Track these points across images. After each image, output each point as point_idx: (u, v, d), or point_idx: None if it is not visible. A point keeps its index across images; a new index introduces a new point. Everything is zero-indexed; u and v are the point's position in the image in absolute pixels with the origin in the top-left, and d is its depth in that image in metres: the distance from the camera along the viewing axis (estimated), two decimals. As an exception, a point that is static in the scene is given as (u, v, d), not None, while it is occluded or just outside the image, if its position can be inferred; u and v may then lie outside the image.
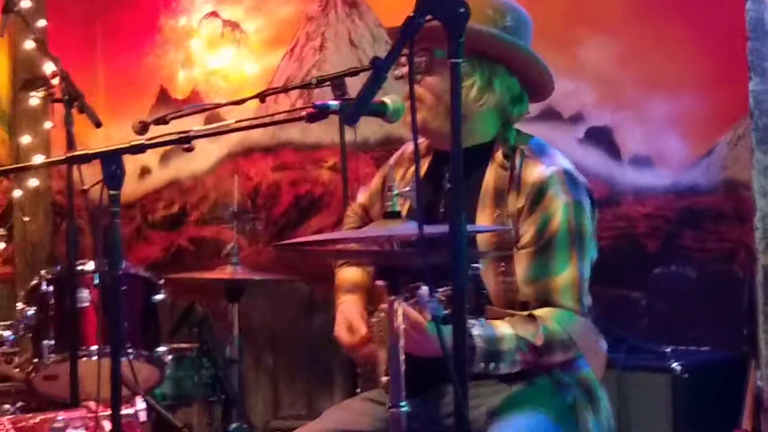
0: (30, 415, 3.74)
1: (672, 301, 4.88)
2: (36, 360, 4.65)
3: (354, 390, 3.46)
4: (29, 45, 6.34)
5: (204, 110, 5.14)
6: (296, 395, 6.28)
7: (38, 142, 6.85)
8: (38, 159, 6.60)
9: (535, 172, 3.09)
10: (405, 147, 3.48)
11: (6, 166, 6.33)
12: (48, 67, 4.70)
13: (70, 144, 4.39)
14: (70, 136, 4.39)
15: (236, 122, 3.26)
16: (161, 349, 4.80)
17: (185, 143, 3.05)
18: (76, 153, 3.26)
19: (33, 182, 6.88)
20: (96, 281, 4.67)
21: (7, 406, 4.62)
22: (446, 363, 2.33)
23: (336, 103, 2.90)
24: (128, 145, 3.05)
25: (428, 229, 2.43)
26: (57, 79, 4.53)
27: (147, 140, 3.10)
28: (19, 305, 4.75)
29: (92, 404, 3.77)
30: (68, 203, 4.59)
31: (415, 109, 2.42)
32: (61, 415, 3.68)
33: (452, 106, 2.31)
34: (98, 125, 4.38)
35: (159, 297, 4.83)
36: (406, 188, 2.93)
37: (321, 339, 5.94)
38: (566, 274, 3.04)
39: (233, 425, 5.29)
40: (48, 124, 6.72)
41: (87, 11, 7.24)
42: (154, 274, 4.92)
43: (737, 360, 4.45)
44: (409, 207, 3.13)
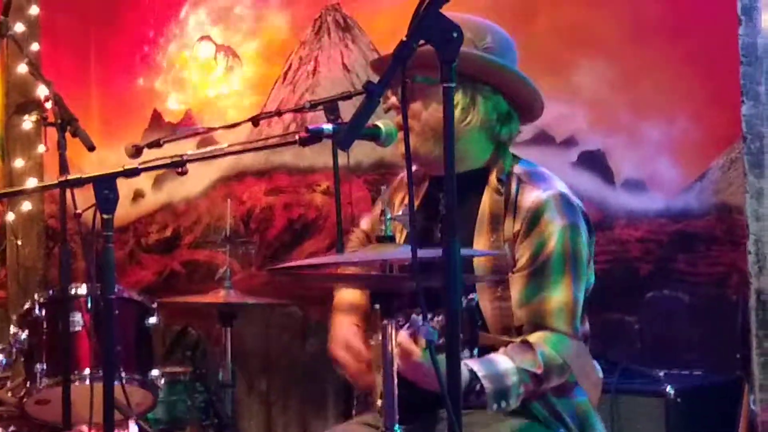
0: (22, 440, 3.74)
1: (665, 325, 4.88)
2: (28, 384, 4.63)
3: (348, 413, 3.46)
4: (22, 69, 6.34)
5: (197, 134, 5.16)
6: (289, 419, 6.26)
7: (31, 166, 6.85)
8: (31, 183, 6.61)
9: (532, 196, 3.09)
10: (405, 172, 3.47)
11: (-1, 190, 6.33)
12: (41, 91, 4.72)
13: (63, 168, 4.38)
14: (63, 160, 4.39)
15: (229, 146, 3.28)
16: (154, 373, 4.79)
17: (179, 167, 3.05)
18: (70, 177, 3.25)
19: (26, 206, 6.87)
20: (89, 305, 4.66)
21: (0, 431, 4.60)
22: (440, 392, 2.32)
23: (329, 127, 2.90)
24: (122, 169, 3.05)
25: (422, 253, 2.43)
26: (50, 103, 4.52)
27: (140, 164, 3.10)
28: (12, 329, 4.74)
29: (84, 429, 3.76)
30: (61, 227, 4.57)
31: (408, 133, 2.40)
32: (54, 440, 3.68)
33: (444, 129, 2.31)
34: (91, 149, 4.37)
35: (152, 321, 4.83)
36: (400, 212, 2.93)
37: (314, 363, 5.93)
38: (559, 297, 3.04)
39: (226, 449, 5.29)
40: (41, 148, 6.72)
41: (80, 35, 7.25)
42: (147, 298, 4.91)
43: (731, 384, 4.45)
44: (406, 233, 3.13)
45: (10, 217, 6.85)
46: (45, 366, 4.61)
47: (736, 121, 4.38)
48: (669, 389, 4.31)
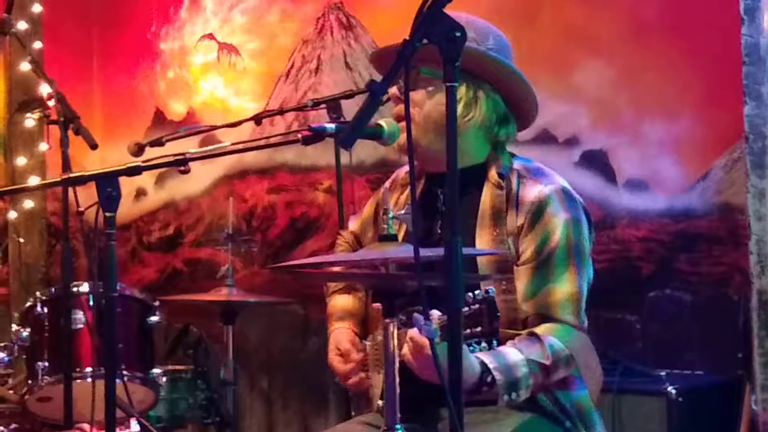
0: (24, 437, 3.74)
1: (667, 325, 4.88)
2: (30, 382, 4.64)
3: (349, 412, 3.46)
4: (25, 67, 6.34)
5: (200, 132, 5.15)
6: (291, 418, 6.26)
7: (34, 164, 6.85)
8: (33, 180, 6.60)
9: (534, 191, 3.10)
10: (398, 172, 3.47)
11: (1, 188, 6.32)
12: (44, 89, 4.70)
13: (66, 166, 4.39)
14: (66, 158, 4.39)
15: (232, 144, 3.27)
16: (156, 371, 4.80)
17: (181, 165, 3.05)
18: (72, 175, 3.25)
19: (28, 204, 6.87)
20: (91, 303, 4.67)
21: (1, 428, 4.61)
22: (443, 387, 2.32)
23: (332, 126, 2.90)
24: (124, 167, 3.05)
25: (424, 252, 2.43)
26: (53, 101, 4.53)
27: (143, 162, 3.10)
28: (14, 327, 4.75)
29: (86, 426, 3.76)
30: (63, 225, 4.58)
31: (410, 129, 2.40)
32: (55, 437, 3.68)
33: (447, 128, 2.31)
34: (94, 147, 4.37)
35: (154, 319, 4.83)
36: (401, 211, 2.93)
37: (316, 361, 5.93)
38: (565, 288, 3.05)
39: (228, 447, 5.29)
40: (43, 146, 6.72)
41: (83, 33, 7.25)
42: (149, 296, 4.92)
43: (732, 384, 4.45)
44: (406, 231, 3.13)
45: (13, 215, 6.85)
46: (47, 363, 4.61)
47: (739, 121, 4.38)
48: (670, 389, 4.31)
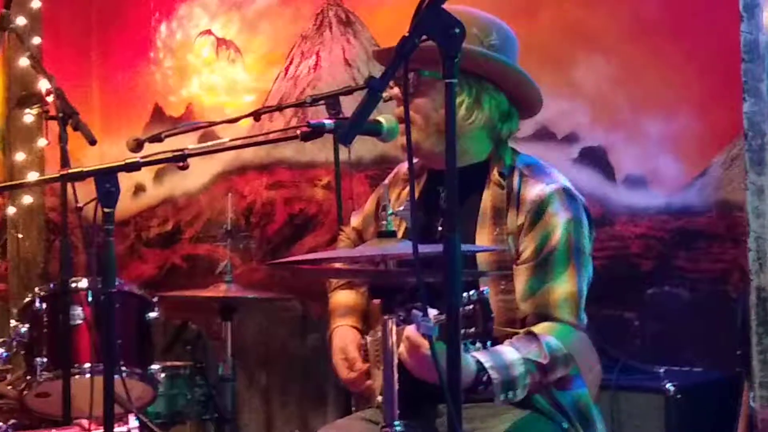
0: (22, 433, 3.74)
1: (665, 322, 4.88)
2: (29, 377, 4.64)
3: (347, 408, 3.46)
4: (24, 62, 6.34)
5: (198, 128, 5.16)
6: (289, 414, 6.26)
7: (32, 160, 6.85)
8: (32, 176, 6.60)
9: (536, 190, 3.10)
10: (399, 167, 3.48)
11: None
12: (42, 85, 4.71)
13: (65, 161, 4.38)
14: (65, 154, 4.39)
15: (231, 140, 3.27)
16: (154, 367, 4.80)
17: (180, 161, 3.05)
18: (71, 170, 3.26)
19: (27, 199, 6.87)
20: (89, 299, 4.67)
21: (0, 424, 4.61)
22: (441, 385, 2.32)
23: (331, 122, 2.91)
24: (123, 163, 3.05)
25: (423, 248, 2.42)
26: (51, 97, 4.52)
27: (142, 158, 3.10)
28: (12, 322, 4.75)
29: (85, 422, 3.76)
30: (62, 220, 4.58)
31: (410, 128, 2.40)
32: (54, 433, 3.68)
33: (446, 125, 2.31)
34: (93, 143, 4.37)
35: (152, 315, 4.83)
36: (401, 208, 2.93)
37: (314, 357, 5.93)
38: (564, 288, 3.05)
39: (226, 444, 5.29)
40: (42, 142, 6.72)
41: (82, 29, 7.25)
42: (148, 292, 4.92)
43: (730, 381, 4.44)
44: (405, 227, 3.13)
45: (11, 211, 6.84)
46: (45, 359, 4.61)
47: (738, 118, 4.37)
48: (669, 386, 4.30)
